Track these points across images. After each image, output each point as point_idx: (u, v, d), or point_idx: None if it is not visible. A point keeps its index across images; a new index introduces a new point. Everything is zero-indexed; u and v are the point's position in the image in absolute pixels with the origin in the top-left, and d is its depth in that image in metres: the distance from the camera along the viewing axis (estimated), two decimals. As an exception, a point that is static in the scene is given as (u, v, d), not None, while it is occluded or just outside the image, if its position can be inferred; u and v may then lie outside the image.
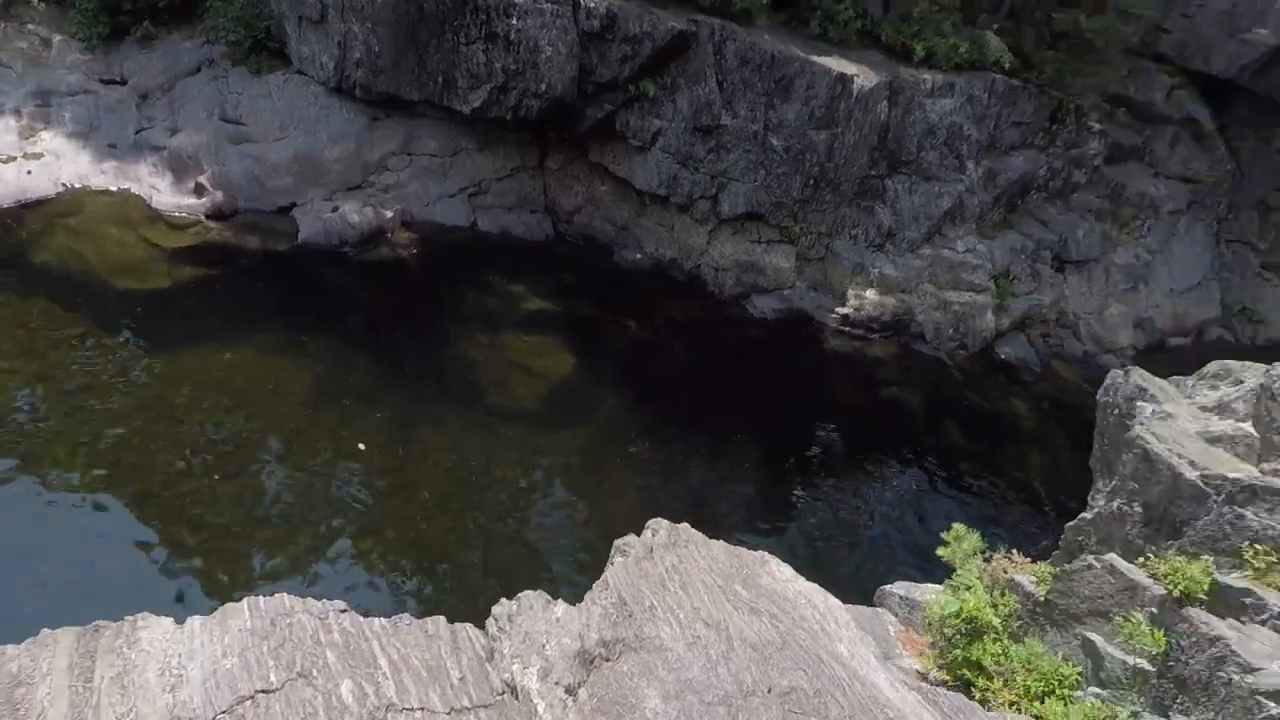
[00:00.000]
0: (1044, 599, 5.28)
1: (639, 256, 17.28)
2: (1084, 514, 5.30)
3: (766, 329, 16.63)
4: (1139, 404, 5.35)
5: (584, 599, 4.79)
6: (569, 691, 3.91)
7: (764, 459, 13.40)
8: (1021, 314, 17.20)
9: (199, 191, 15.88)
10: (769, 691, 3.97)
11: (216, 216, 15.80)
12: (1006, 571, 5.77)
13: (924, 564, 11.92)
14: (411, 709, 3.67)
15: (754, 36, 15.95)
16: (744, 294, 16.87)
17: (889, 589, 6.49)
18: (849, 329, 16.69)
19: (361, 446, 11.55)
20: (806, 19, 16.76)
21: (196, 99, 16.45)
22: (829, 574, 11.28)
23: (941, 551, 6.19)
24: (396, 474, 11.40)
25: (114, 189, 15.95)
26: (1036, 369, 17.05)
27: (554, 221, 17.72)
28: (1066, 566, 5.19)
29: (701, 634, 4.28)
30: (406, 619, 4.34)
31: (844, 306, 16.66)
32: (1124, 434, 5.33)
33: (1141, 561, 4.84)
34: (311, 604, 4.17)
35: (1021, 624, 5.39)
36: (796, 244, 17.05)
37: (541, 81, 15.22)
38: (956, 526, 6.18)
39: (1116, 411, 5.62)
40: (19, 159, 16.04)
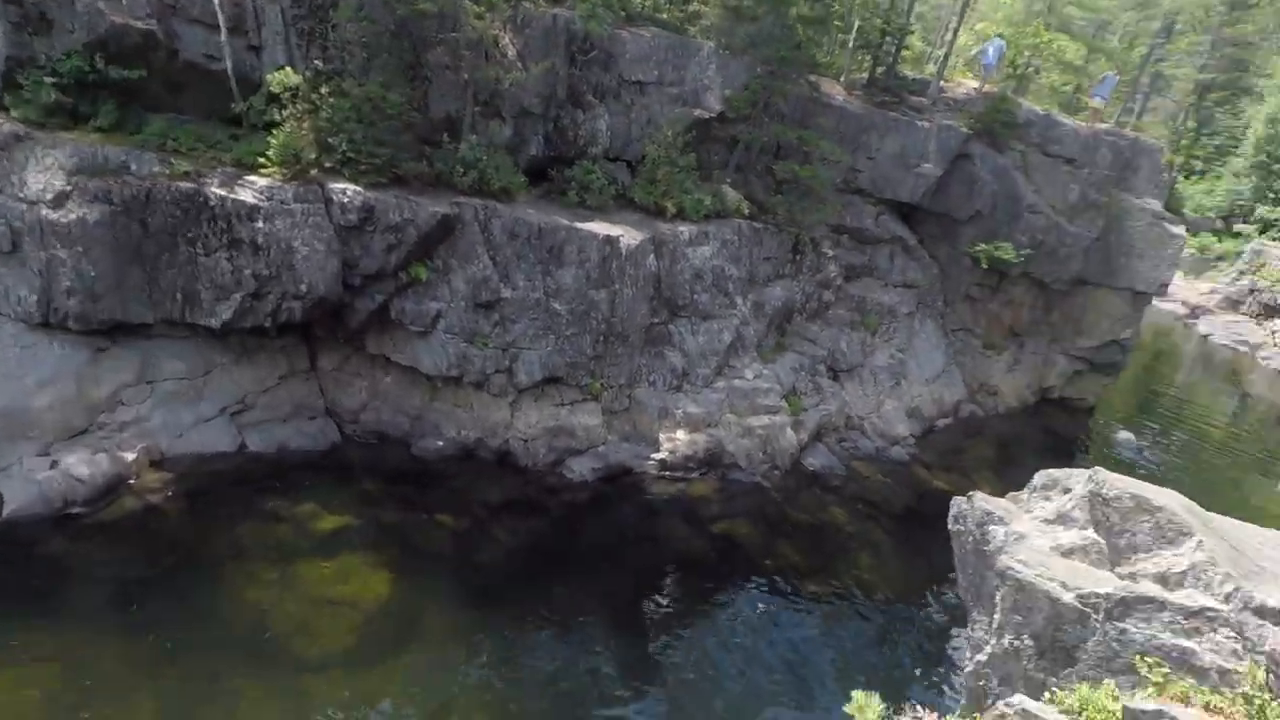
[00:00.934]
0: (979, 763, 4.66)
1: (440, 444, 15.81)
2: (978, 655, 4.88)
3: (588, 490, 15.74)
4: (990, 528, 5.18)
5: None
6: None
7: (615, 627, 12.26)
8: (816, 425, 17.98)
9: None
10: None
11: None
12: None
13: (801, 692, 11.40)
14: None
15: (518, 211, 15.98)
16: (559, 460, 15.95)
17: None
18: (668, 473, 16.30)
19: None
20: (564, 190, 17.24)
21: None
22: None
23: (846, 731, 5.42)
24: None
25: None
26: (842, 473, 17.72)
27: (338, 424, 15.81)
28: None
29: None
30: None
31: (659, 452, 16.31)
32: (987, 561, 5.09)
33: (1048, 698, 4.46)
34: None
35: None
36: (600, 399, 16.65)
37: (301, 282, 13.85)
38: (856, 695, 5.47)
39: (971, 539, 5.41)
40: None
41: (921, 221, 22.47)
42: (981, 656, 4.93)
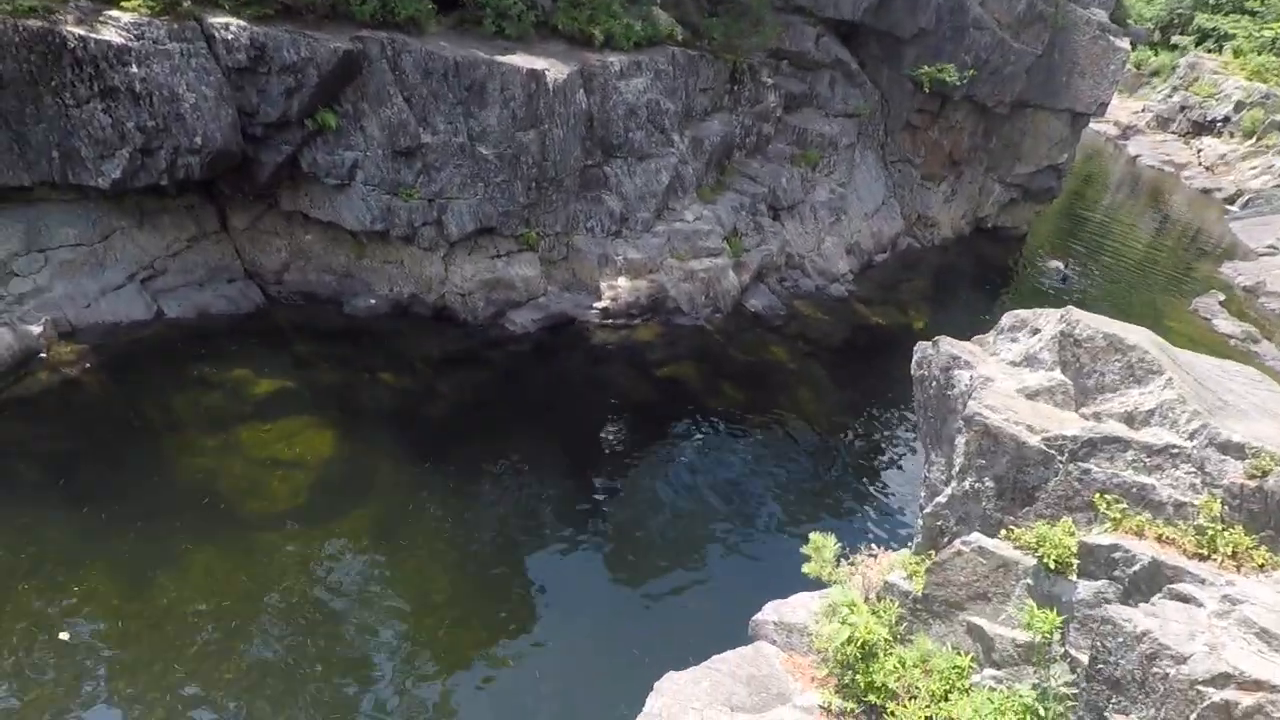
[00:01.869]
0: (921, 594, 4.86)
1: (373, 302, 15.13)
2: (937, 498, 4.96)
3: (531, 342, 15.49)
4: (955, 373, 5.08)
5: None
6: None
7: (562, 473, 12.47)
8: (757, 265, 17.76)
9: None
10: None
11: None
12: (875, 572, 5.32)
13: (748, 527, 11.92)
14: None
15: (430, 45, 14.33)
16: (499, 313, 15.51)
17: (760, 618, 5.82)
18: (612, 321, 16.08)
19: (65, 636, 8.62)
20: (479, 19, 15.43)
21: None
22: (669, 571, 10.83)
23: (806, 568, 5.61)
24: (148, 637, 8.73)
25: None
26: (783, 312, 17.78)
27: (260, 287, 14.90)
28: (937, 558, 4.80)
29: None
30: None
31: (601, 300, 15.98)
32: (950, 406, 5.04)
33: (1004, 534, 4.55)
34: None
35: (906, 624, 4.95)
36: (537, 249, 15.97)
37: (194, 135, 12.40)
38: (814, 537, 5.63)
39: (935, 384, 5.32)
40: None
41: (863, 43, 21.20)
42: (940, 499, 4.99)
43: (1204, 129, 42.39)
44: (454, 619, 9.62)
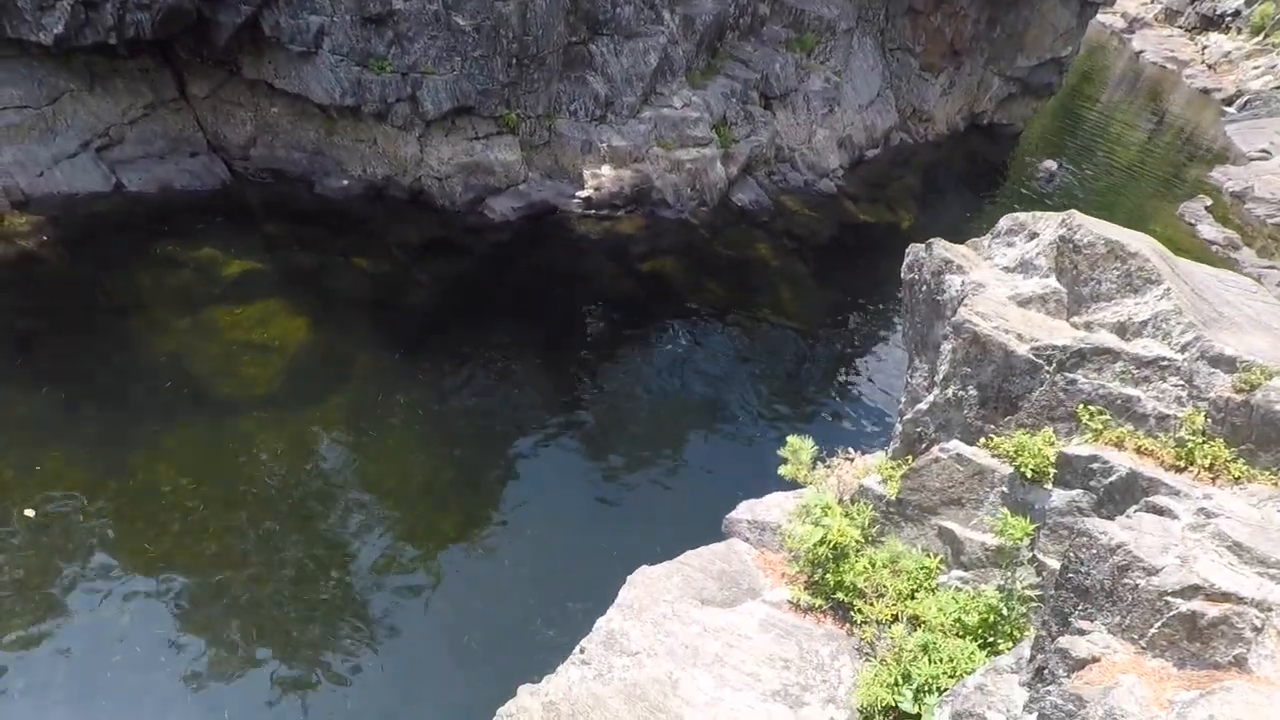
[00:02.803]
0: (896, 498, 4.85)
1: (345, 183, 14.39)
2: (918, 405, 4.86)
3: (511, 230, 14.94)
4: (947, 277, 4.85)
5: None
6: None
7: (541, 363, 12.31)
8: (746, 157, 17.06)
9: None
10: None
11: None
12: (850, 475, 5.29)
13: (725, 425, 11.95)
14: None
15: (403, -106, 12.97)
16: (477, 198, 14.86)
17: (734, 516, 5.84)
18: (594, 211, 15.51)
19: (30, 513, 8.53)
20: None
21: None
22: (645, 466, 10.93)
23: (783, 470, 5.58)
24: (127, 512, 8.70)
25: None
26: (770, 207, 17.27)
27: (226, 162, 14.06)
28: (914, 464, 4.76)
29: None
30: None
31: (584, 189, 15.34)
32: (939, 311, 4.84)
33: (984, 443, 4.49)
34: None
35: (877, 526, 4.97)
36: (518, 132, 15.12)
37: (142, -14, 11.30)
38: (791, 440, 5.57)
39: (925, 288, 5.10)
40: None
41: (873, -83, 19.60)
42: (922, 405, 4.88)
43: (1212, 24, 40.66)
44: (430, 504, 9.65)
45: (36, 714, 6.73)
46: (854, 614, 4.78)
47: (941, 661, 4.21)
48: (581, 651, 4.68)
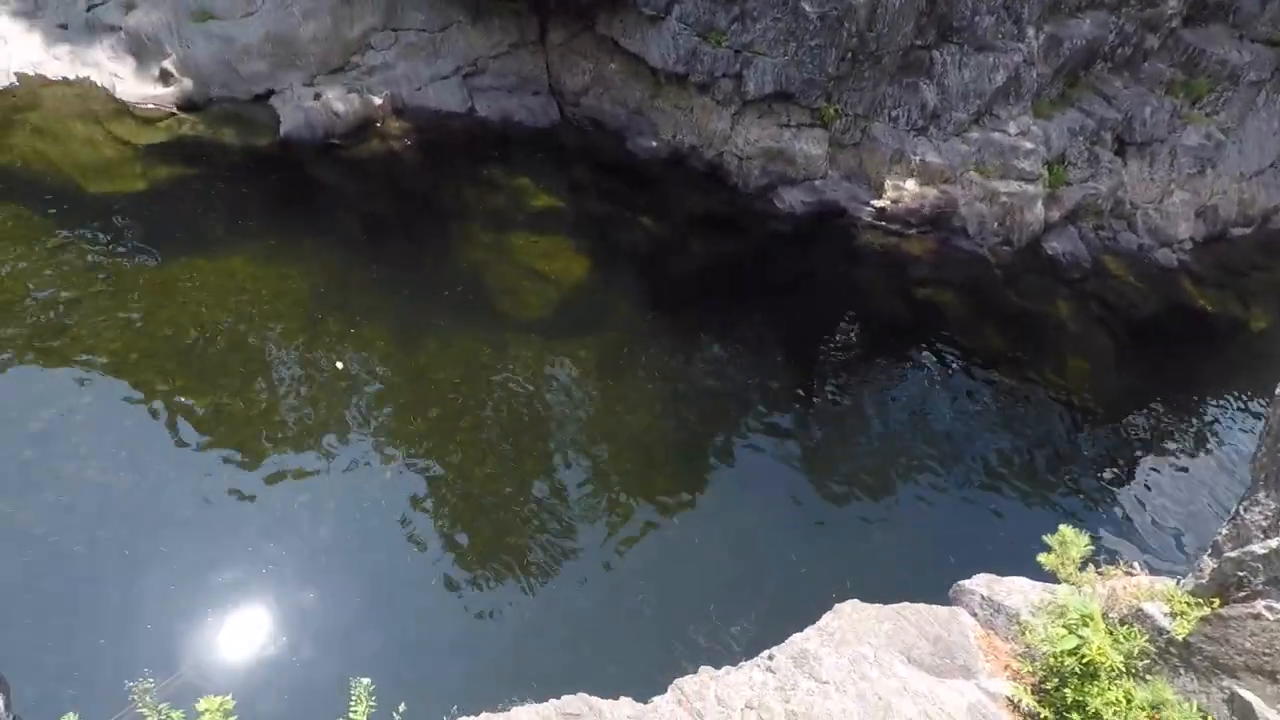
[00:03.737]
0: (1183, 640, 4.00)
1: (654, 144, 15.07)
2: (1252, 545, 3.93)
3: (793, 223, 14.70)
4: None
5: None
6: None
7: (787, 359, 12.01)
8: (1075, 204, 15.03)
9: (165, 79, 13.69)
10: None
11: (188, 107, 13.71)
12: (1126, 591, 4.46)
13: (963, 483, 10.79)
14: None
15: (788, -125, 12.98)
16: (770, 185, 14.79)
17: (967, 585, 5.24)
18: (884, 223, 14.70)
19: (340, 365, 10.17)
20: None
21: (150, -33, 13.88)
22: (862, 496, 10.29)
23: (1043, 559, 4.87)
24: (405, 388, 10.14)
25: (71, 77, 13.76)
26: (1087, 265, 15.11)
27: (559, 104, 15.42)
28: (1222, 609, 3.87)
29: None
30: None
31: (880, 199, 14.59)
32: None
33: None
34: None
35: (1147, 661, 4.15)
36: (830, 128, 14.72)
37: (538, -62, 12.58)
38: (1064, 530, 4.83)
39: None
40: (-36, 44, 13.84)
41: (1336, -48, 15.94)
42: (1255, 548, 3.95)
43: None
44: (645, 461, 9.91)
45: (265, 545, 7.94)
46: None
47: None
48: (770, 659, 4.51)
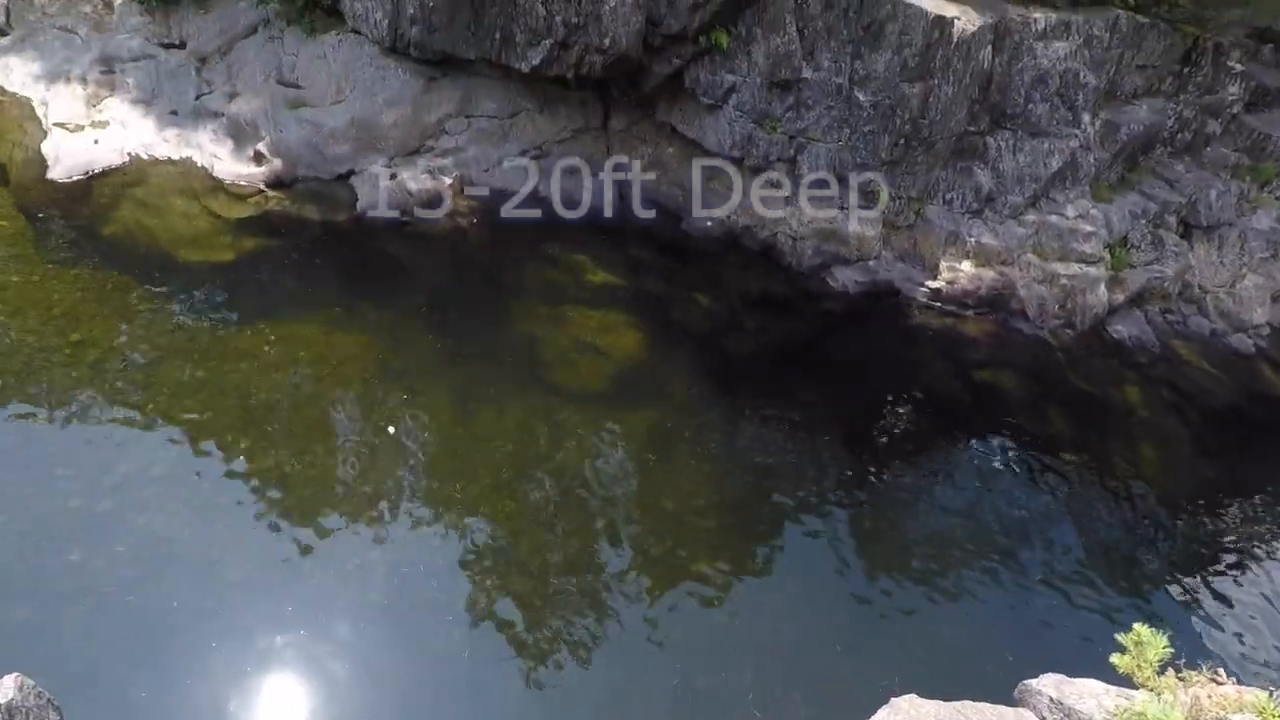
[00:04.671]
0: (1272, 760, 3.72)
1: (709, 224, 15.51)
2: None
3: (847, 303, 14.75)
4: None
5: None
6: None
7: (837, 440, 11.83)
8: (1140, 287, 14.73)
9: (258, 160, 14.85)
10: None
11: (276, 185, 14.77)
12: (1212, 700, 4.18)
13: (1023, 576, 10.29)
14: None
15: (841, -25, 13.66)
16: (823, 265, 14.95)
17: (1034, 686, 4.96)
18: (939, 304, 14.63)
19: (390, 430, 10.46)
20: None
21: (253, 62, 15.27)
22: (916, 585, 9.91)
23: (1117, 660, 4.62)
24: (457, 456, 10.34)
25: (176, 157, 15.04)
26: (1155, 350, 14.66)
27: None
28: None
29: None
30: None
31: (935, 280, 14.57)
32: None
33: None
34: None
35: (1229, 783, 3.85)
36: (883, 210, 14.95)
37: (605, 36, 13.39)
38: (1139, 629, 4.59)
39: None
40: (87, 128, 15.33)
41: (1406, 41, 15.74)
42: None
43: None
44: (689, 538, 9.75)
45: (310, 608, 8.05)
46: None
47: None
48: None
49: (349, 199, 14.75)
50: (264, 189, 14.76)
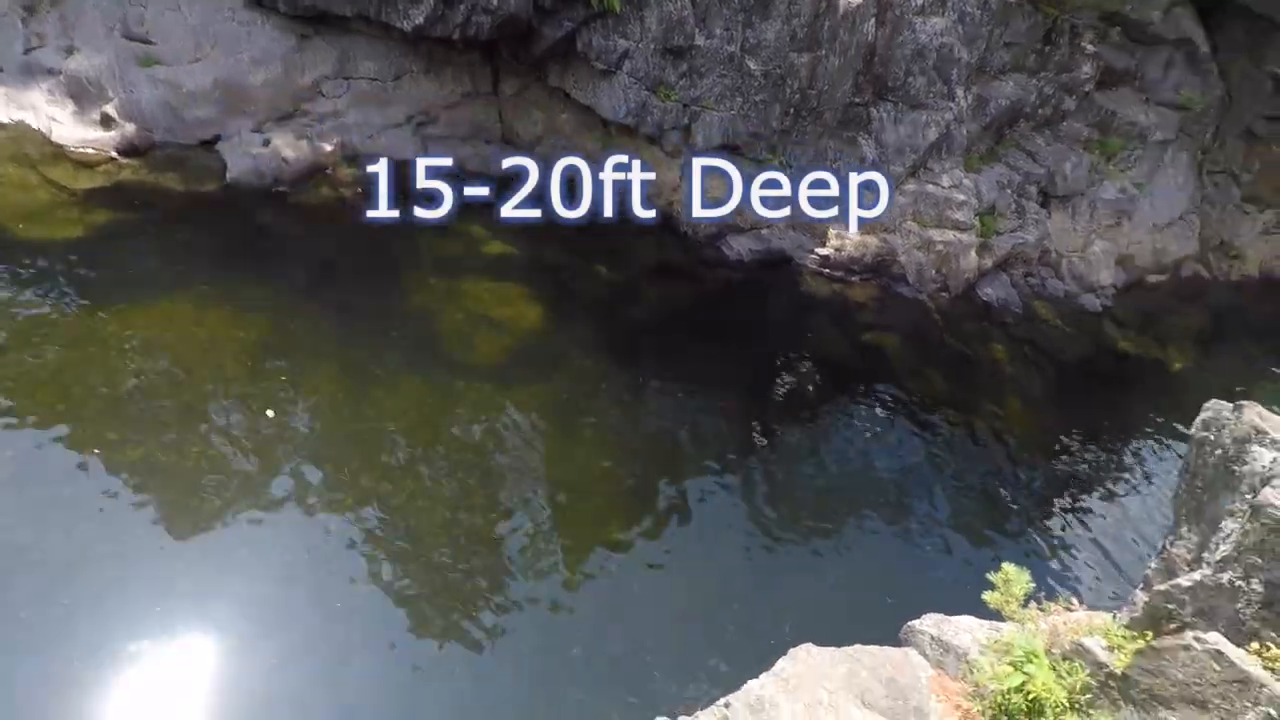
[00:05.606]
0: (1121, 673, 4.23)
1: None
2: (1178, 578, 4.21)
3: (742, 270, 15.15)
4: (1254, 449, 4.16)
5: None
6: None
7: (738, 408, 12.21)
8: (1005, 253, 15.92)
9: (106, 123, 13.47)
10: None
11: (130, 152, 13.47)
12: (1067, 627, 4.69)
13: (909, 524, 11.08)
14: None
15: (731, -57, 13.74)
16: (719, 234, 15.25)
17: (917, 626, 5.40)
18: (828, 270, 15.29)
19: (270, 414, 9.92)
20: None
21: (93, 12, 13.71)
22: (812, 537, 10.49)
23: (988, 597, 5.09)
24: (350, 438, 9.92)
25: (5, 120, 13.45)
26: (1018, 310, 15.95)
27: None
28: (1155, 642, 4.11)
29: None
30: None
31: (824, 247, 15.19)
32: (1232, 484, 4.17)
33: (1256, 649, 3.77)
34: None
35: (1089, 696, 4.35)
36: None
37: (492, -5, 12.96)
38: (1006, 568, 5.07)
39: (1219, 453, 4.41)
40: (-111, 84, 13.42)
41: (1226, 24, 17.54)
42: (1182, 580, 4.20)
43: None
44: (594, 508, 9.85)
45: (197, 603, 7.63)
46: (1033, 787, 4.21)
47: None
48: (726, 706, 4.56)
49: (217, 167, 13.64)
50: (115, 156, 13.42)
